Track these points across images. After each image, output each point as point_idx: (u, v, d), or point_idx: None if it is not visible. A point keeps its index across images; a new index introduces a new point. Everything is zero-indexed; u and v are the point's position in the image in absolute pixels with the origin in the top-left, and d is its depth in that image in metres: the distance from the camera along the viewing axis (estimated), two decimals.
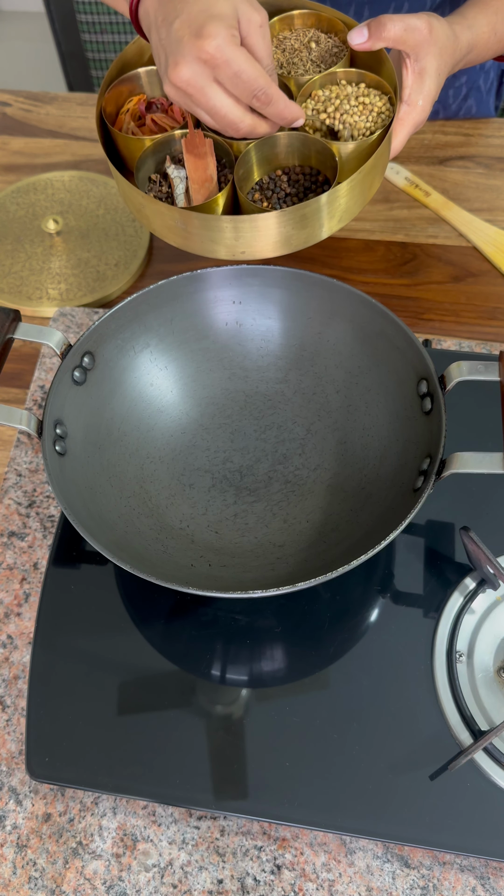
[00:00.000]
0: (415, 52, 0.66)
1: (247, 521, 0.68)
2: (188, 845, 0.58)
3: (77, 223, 0.94)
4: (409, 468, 0.63)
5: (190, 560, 0.64)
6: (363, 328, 0.69)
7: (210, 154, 0.67)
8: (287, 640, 0.64)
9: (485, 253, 0.89)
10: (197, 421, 0.73)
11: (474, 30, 0.73)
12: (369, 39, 0.66)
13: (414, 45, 0.66)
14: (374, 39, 0.66)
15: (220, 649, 0.63)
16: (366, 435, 0.69)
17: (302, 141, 0.68)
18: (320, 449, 0.71)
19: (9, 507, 0.72)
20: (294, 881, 0.56)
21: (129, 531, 0.64)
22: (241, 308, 0.73)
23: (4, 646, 0.66)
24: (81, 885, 0.57)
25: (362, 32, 0.67)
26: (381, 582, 0.66)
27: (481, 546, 0.60)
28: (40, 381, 0.80)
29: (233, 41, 0.57)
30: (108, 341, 0.69)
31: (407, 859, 0.57)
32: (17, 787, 0.60)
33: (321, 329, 0.72)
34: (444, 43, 0.68)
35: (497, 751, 0.57)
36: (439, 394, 0.62)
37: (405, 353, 0.66)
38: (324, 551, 0.64)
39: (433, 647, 0.62)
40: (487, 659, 0.62)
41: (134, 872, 0.57)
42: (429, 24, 0.66)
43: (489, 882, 0.56)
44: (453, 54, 0.70)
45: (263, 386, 0.74)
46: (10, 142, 1.04)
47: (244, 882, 0.56)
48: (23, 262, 0.91)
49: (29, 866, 0.57)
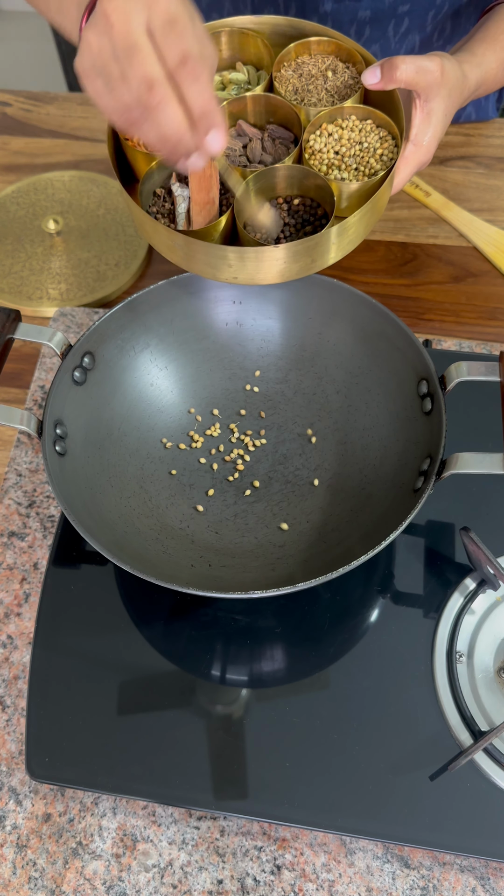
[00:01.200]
0: (425, 94, 0.67)
1: (247, 522, 0.68)
2: (188, 845, 0.58)
3: (77, 223, 0.94)
4: (409, 468, 0.63)
5: (190, 560, 0.64)
6: (363, 328, 0.69)
7: (215, 176, 0.67)
8: (287, 640, 0.64)
9: (485, 253, 0.89)
10: (197, 421, 0.73)
11: (483, 67, 0.74)
12: (382, 80, 0.67)
13: (425, 86, 0.67)
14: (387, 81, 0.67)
15: (220, 649, 0.63)
16: (366, 435, 0.69)
17: (304, 174, 0.68)
18: (321, 449, 0.71)
19: (9, 507, 0.73)
20: (294, 881, 0.56)
21: (129, 531, 0.64)
22: (241, 308, 0.73)
23: (4, 646, 0.66)
24: (81, 885, 0.57)
25: (375, 73, 0.67)
26: (381, 582, 0.66)
27: (481, 546, 0.60)
28: (40, 381, 0.80)
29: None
30: (109, 341, 0.69)
31: (407, 860, 0.57)
32: (17, 787, 0.60)
33: (321, 329, 0.72)
34: (453, 84, 0.69)
35: (497, 751, 0.57)
36: (439, 394, 0.62)
37: (405, 354, 0.66)
38: (324, 551, 0.64)
39: (433, 647, 0.62)
40: (487, 659, 0.62)
41: (134, 872, 0.57)
42: (441, 67, 0.67)
43: (489, 882, 0.56)
44: (461, 93, 0.71)
45: (264, 386, 0.74)
46: (11, 142, 1.04)
47: (244, 882, 0.56)
48: (23, 262, 0.91)
49: (29, 866, 0.57)
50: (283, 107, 0.70)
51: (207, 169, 0.66)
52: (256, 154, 0.70)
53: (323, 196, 0.69)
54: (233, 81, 0.74)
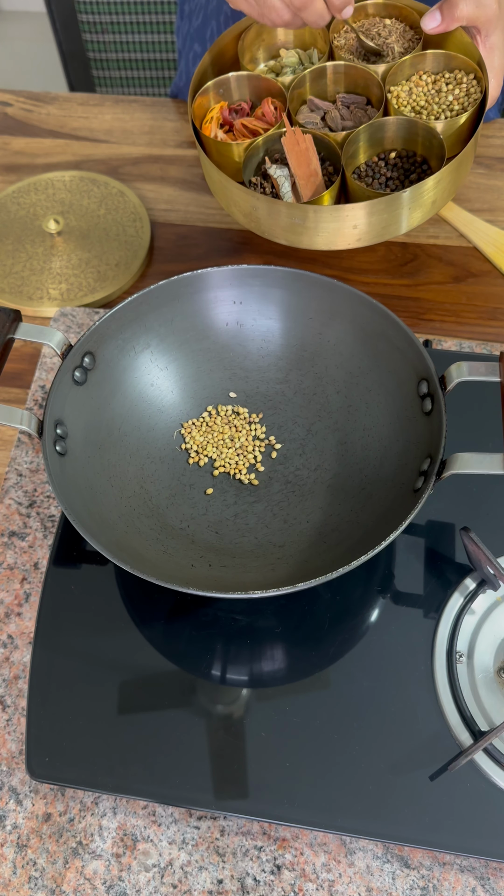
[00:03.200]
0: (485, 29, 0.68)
1: (247, 522, 0.68)
2: (188, 845, 0.58)
3: (78, 223, 0.94)
4: (409, 469, 0.63)
5: (190, 560, 0.64)
6: (364, 328, 0.69)
7: (311, 148, 0.69)
8: (287, 640, 0.64)
9: (485, 253, 0.89)
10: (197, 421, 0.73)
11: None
12: (443, 22, 0.68)
13: (485, 21, 0.68)
14: (448, 21, 0.68)
15: (220, 649, 0.63)
16: (366, 435, 0.69)
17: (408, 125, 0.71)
18: (321, 449, 0.71)
19: (9, 506, 0.73)
20: (294, 881, 0.56)
21: (129, 531, 0.64)
22: (241, 308, 0.74)
23: (5, 646, 0.66)
24: (81, 885, 0.57)
25: (434, 17, 0.68)
26: (381, 582, 0.66)
27: (481, 546, 0.60)
28: (41, 382, 0.81)
29: None
30: (109, 341, 0.69)
31: (407, 860, 0.57)
32: (17, 787, 0.60)
33: (322, 329, 0.72)
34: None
35: (497, 751, 0.57)
36: (440, 394, 0.62)
37: (406, 354, 0.66)
38: (324, 552, 0.64)
39: (433, 647, 0.62)
40: (487, 659, 0.62)
41: (134, 872, 0.57)
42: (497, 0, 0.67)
43: (489, 882, 0.56)
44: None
45: (264, 386, 0.74)
46: (11, 142, 1.04)
47: (244, 882, 0.56)
48: (24, 262, 0.91)
49: (29, 866, 0.57)
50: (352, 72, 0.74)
51: (302, 142, 0.69)
52: (337, 122, 0.73)
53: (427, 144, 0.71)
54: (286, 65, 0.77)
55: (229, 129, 0.75)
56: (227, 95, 0.76)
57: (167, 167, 1.00)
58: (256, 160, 0.73)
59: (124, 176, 0.99)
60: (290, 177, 0.69)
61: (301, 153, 0.68)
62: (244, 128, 0.74)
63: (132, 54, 1.46)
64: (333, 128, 0.73)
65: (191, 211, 0.95)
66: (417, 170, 0.72)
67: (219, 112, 0.75)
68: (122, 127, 1.04)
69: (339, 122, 0.73)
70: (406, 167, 0.72)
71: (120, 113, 1.06)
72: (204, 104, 0.75)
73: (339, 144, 0.70)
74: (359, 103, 0.75)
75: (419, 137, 0.71)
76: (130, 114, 1.06)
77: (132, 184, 0.98)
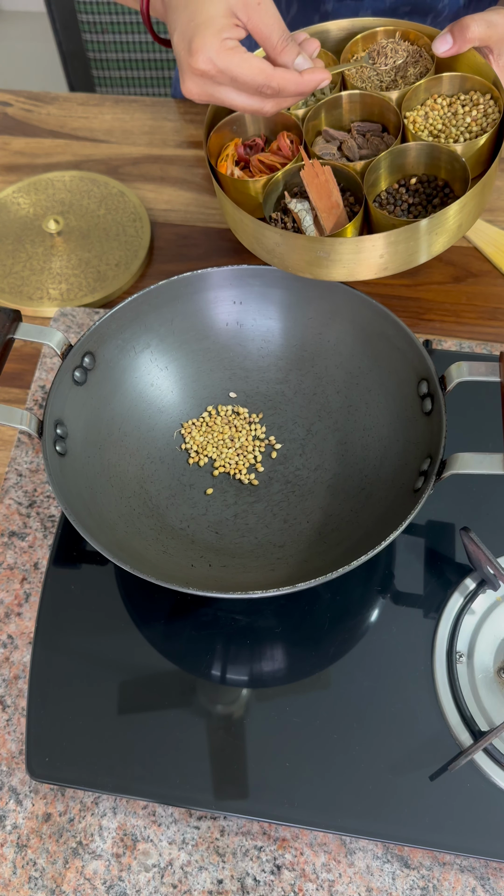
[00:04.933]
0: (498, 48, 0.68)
1: (247, 522, 0.68)
2: (188, 845, 0.58)
3: (78, 223, 0.94)
4: (409, 469, 0.63)
5: (190, 560, 0.64)
6: (363, 329, 0.69)
7: (331, 180, 0.69)
8: (287, 640, 0.64)
9: (485, 253, 0.89)
10: (197, 421, 0.73)
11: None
12: (455, 44, 0.68)
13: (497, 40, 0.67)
14: (461, 43, 0.67)
15: (220, 649, 0.63)
16: (366, 435, 0.69)
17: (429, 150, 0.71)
18: (321, 449, 0.71)
19: (9, 506, 0.73)
20: (294, 881, 0.56)
21: (129, 531, 0.64)
22: (241, 308, 0.74)
23: (5, 646, 0.66)
24: (81, 885, 0.57)
25: (446, 40, 0.68)
26: (381, 582, 0.66)
27: (481, 546, 0.60)
28: (41, 382, 0.81)
29: (222, 48, 0.57)
30: (109, 341, 0.69)
31: (407, 860, 0.57)
32: (17, 787, 0.60)
33: (321, 329, 0.72)
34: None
35: (497, 751, 0.57)
36: (440, 394, 0.62)
37: (406, 354, 0.66)
38: (324, 552, 0.64)
39: (433, 647, 0.62)
40: (487, 659, 0.62)
41: (134, 872, 0.57)
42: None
43: (489, 883, 0.56)
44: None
45: (264, 386, 0.74)
46: (11, 142, 1.04)
47: (244, 882, 0.56)
48: (24, 262, 0.91)
49: (29, 866, 0.57)
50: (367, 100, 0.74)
51: (321, 174, 0.69)
52: (354, 152, 0.73)
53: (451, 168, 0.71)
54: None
55: (245, 165, 0.75)
56: (241, 132, 0.76)
57: (167, 167, 1.00)
58: (276, 195, 0.72)
59: (124, 176, 0.99)
60: (312, 210, 0.69)
61: (321, 185, 0.68)
62: (261, 163, 0.73)
63: (132, 54, 1.46)
64: (351, 157, 0.73)
65: (191, 211, 0.95)
66: (440, 194, 0.71)
67: (234, 149, 0.75)
68: (122, 127, 1.04)
69: (355, 151, 0.73)
70: (427, 192, 0.72)
71: (120, 113, 1.06)
72: (218, 142, 0.75)
73: (359, 174, 0.70)
74: (374, 131, 0.74)
75: (441, 162, 0.70)
76: (130, 114, 1.06)
77: (132, 184, 0.98)
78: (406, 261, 0.66)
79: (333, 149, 0.74)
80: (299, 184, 0.72)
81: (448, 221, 0.66)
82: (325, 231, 0.69)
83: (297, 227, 0.70)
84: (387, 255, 0.65)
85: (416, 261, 0.67)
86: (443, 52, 0.68)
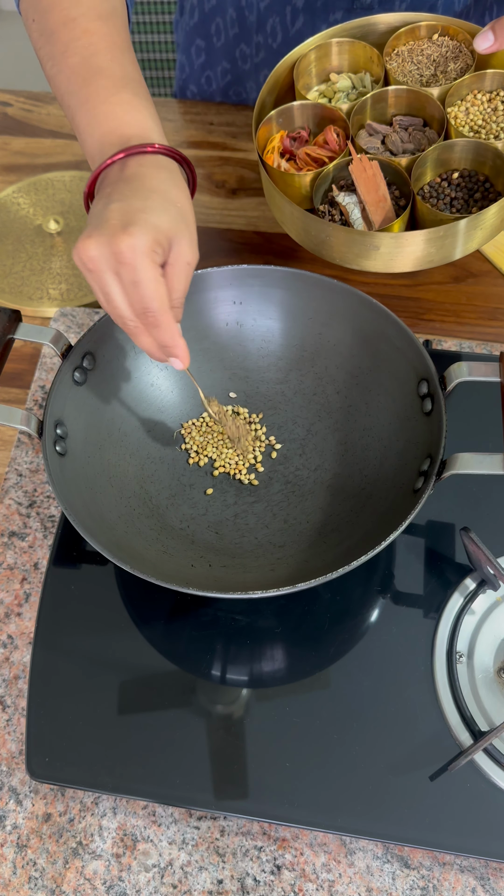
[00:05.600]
0: None
1: (247, 522, 0.68)
2: (188, 845, 0.58)
3: (78, 223, 0.94)
4: (409, 469, 0.63)
5: (190, 560, 0.64)
6: (363, 329, 0.69)
7: (379, 174, 0.71)
8: (287, 640, 0.64)
9: (485, 253, 0.89)
10: (197, 422, 0.73)
11: None
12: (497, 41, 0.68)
13: None
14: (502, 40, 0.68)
15: (220, 649, 0.63)
16: (366, 435, 0.69)
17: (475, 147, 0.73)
18: (321, 449, 0.71)
19: (9, 507, 0.73)
20: (294, 881, 0.56)
21: (129, 531, 0.64)
22: (241, 308, 0.73)
23: (5, 646, 0.66)
24: (81, 885, 0.57)
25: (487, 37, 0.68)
26: (381, 582, 0.66)
27: (481, 547, 0.60)
28: (41, 382, 0.81)
29: (150, 254, 0.53)
30: (109, 341, 0.69)
31: (407, 860, 0.57)
32: (17, 787, 0.60)
33: (321, 329, 0.72)
34: None
35: (497, 751, 0.57)
36: (440, 394, 0.62)
37: (406, 354, 0.66)
38: (324, 552, 0.64)
39: (433, 647, 0.62)
40: (487, 659, 0.62)
41: (134, 872, 0.57)
42: None
43: (489, 883, 0.56)
44: None
45: (264, 386, 0.74)
46: (11, 142, 1.04)
47: (244, 882, 0.56)
48: (24, 262, 0.91)
49: (29, 866, 0.57)
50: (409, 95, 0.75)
51: (369, 169, 0.71)
52: (397, 145, 0.75)
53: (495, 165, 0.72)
54: (339, 90, 0.80)
55: (290, 157, 0.77)
56: (287, 124, 0.78)
57: None
58: (324, 188, 0.75)
59: None
60: (359, 203, 0.71)
61: (369, 179, 0.70)
62: (308, 156, 0.75)
63: None
64: (394, 151, 0.75)
65: None
66: (481, 188, 0.73)
67: (280, 141, 0.77)
68: None
69: (399, 145, 0.75)
70: (469, 186, 0.74)
71: None
72: (265, 133, 0.77)
73: (405, 168, 0.72)
74: (416, 125, 0.76)
75: (487, 159, 0.73)
76: None
77: None
78: (449, 254, 0.69)
79: (377, 142, 0.75)
80: (346, 177, 0.74)
81: (488, 220, 0.68)
82: (375, 225, 0.71)
83: (344, 219, 0.73)
84: (433, 249, 0.68)
85: (458, 254, 0.70)
86: (484, 48, 0.69)
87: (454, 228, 0.67)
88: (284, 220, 0.74)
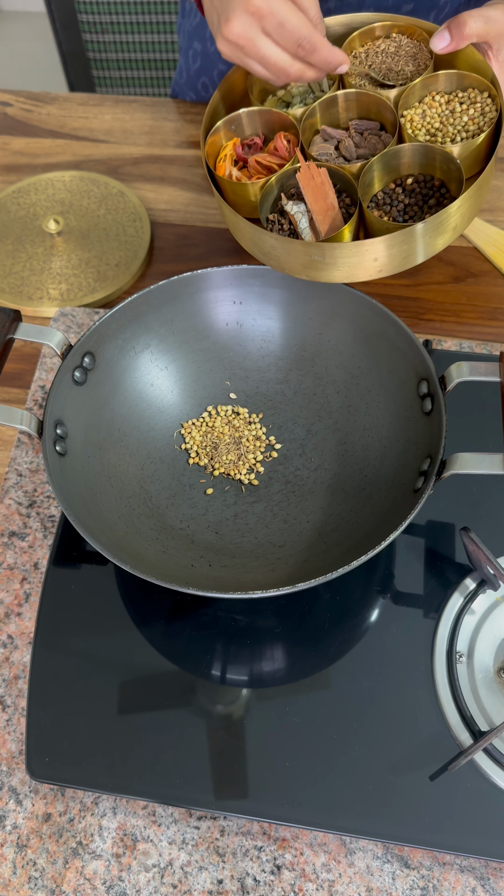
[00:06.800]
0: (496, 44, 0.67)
1: (247, 522, 0.68)
2: (188, 845, 0.58)
3: (78, 223, 0.94)
4: (409, 469, 0.63)
5: (190, 560, 0.64)
6: (363, 329, 0.69)
7: (327, 182, 0.69)
8: (287, 640, 0.64)
9: (485, 253, 0.89)
10: (197, 421, 0.73)
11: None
12: (452, 41, 0.67)
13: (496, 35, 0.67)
14: (458, 40, 0.67)
15: (220, 649, 0.63)
16: (366, 435, 0.69)
17: (424, 151, 0.70)
18: (321, 449, 0.71)
19: (9, 507, 0.73)
20: (294, 881, 0.56)
21: (129, 531, 0.64)
22: (241, 308, 0.74)
23: (5, 646, 0.66)
24: (81, 885, 0.57)
25: (443, 37, 0.68)
26: (381, 582, 0.66)
27: (481, 546, 0.60)
28: (41, 382, 0.81)
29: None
30: (109, 341, 0.69)
31: (407, 860, 0.57)
32: (17, 787, 0.60)
33: (321, 329, 0.72)
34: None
35: (497, 751, 0.57)
36: (440, 394, 0.62)
37: (406, 354, 0.66)
38: (324, 552, 0.64)
39: (433, 647, 0.62)
40: (487, 659, 0.62)
41: (134, 872, 0.57)
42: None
43: (489, 883, 0.56)
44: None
45: (264, 386, 0.74)
46: (11, 142, 1.04)
47: (244, 882, 0.56)
48: (24, 262, 0.91)
49: (29, 866, 0.57)
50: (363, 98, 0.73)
51: (318, 176, 0.69)
52: (351, 151, 0.73)
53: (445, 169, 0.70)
54: (295, 94, 0.77)
55: (243, 164, 0.75)
56: (238, 131, 0.76)
57: (167, 167, 1.00)
58: (272, 197, 0.72)
59: (124, 176, 0.99)
60: (308, 212, 0.69)
61: (317, 188, 0.68)
62: (258, 164, 0.73)
63: (132, 54, 1.46)
64: (348, 157, 0.72)
65: (191, 211, 0.95)
66: (436, 194, 0.71)
67: (232, 149, 0.74)
68: (122, 127, 1.04)
69: (353, 150, 0.72)
70: (424, 192, 0.71)
71: (120, 113, 1.06)
72: (217, 142, 0.75)
73: (355, 176, 0.70)
74: (372, 129, 0.74)
75: (437, 162, 0.70)
76: (130, 114, 1.06)
77: (132, 184, 0.98)
78: (402, 262, 0.66)
79: (331, 148, 0.73)
80: (296, 185, 0.71)
81: (445, 223, 0.65)
82: (321, 234, 0.68)
83: (293, 229, 0.70)
84: (382, 258, 0.65)
85: (412, 262, 0.67)
86: (440, 48, 0.68)
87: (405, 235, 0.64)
88: (235, 231, 0.72)
